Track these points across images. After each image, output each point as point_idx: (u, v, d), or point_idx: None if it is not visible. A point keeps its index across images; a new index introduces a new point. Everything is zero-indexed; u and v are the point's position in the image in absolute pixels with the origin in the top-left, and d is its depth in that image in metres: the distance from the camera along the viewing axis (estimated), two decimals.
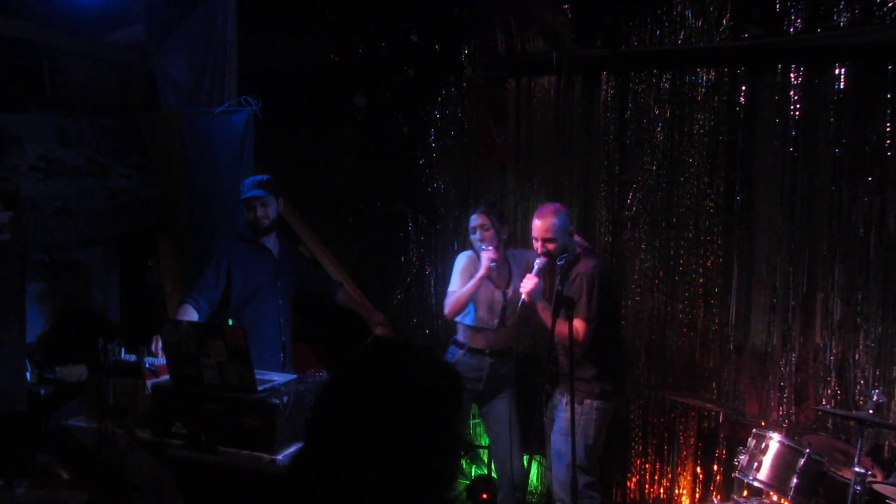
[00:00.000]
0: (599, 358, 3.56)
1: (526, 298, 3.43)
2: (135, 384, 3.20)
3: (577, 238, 3.74)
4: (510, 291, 3.81)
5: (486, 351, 3.80)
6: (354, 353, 1.36)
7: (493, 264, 3.68)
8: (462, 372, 3.71)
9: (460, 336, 3.91)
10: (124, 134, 4.82)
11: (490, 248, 3.70)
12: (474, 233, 3.78)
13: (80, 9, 4.46)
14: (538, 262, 3.49)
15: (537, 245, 3.55)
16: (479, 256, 3.79)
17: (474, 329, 3.82)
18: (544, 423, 3.80)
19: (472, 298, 3.73)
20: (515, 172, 4.75)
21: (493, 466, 4.19)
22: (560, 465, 3.56)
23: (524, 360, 4.06)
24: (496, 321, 3.80)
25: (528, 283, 3.43)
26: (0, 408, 3.67)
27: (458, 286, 3.79)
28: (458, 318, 3.82)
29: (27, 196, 4.17)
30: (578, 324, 3.41)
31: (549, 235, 3.50)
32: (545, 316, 3.44)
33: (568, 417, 3.46)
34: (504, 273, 3.87)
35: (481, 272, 3.68)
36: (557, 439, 3.59)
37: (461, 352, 3.84)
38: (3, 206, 3.97)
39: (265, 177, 3.89)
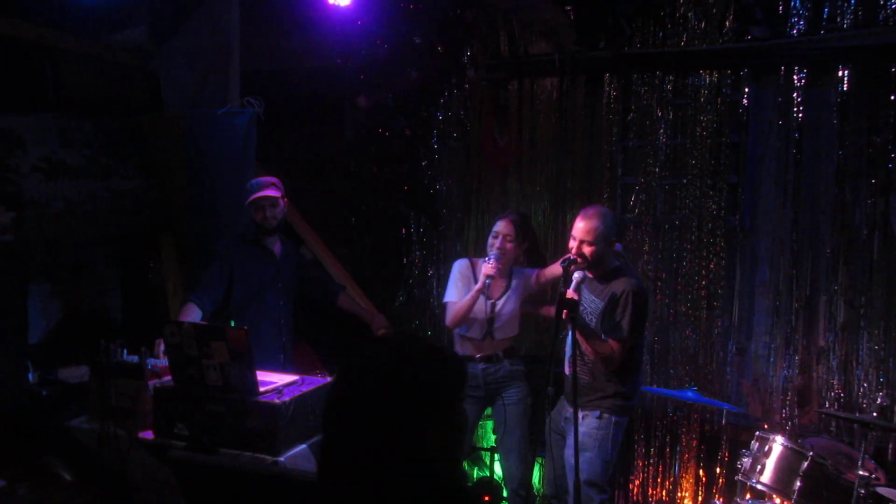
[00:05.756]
0: (625, 374, 3.42)
1: (565, 318, 3.13)
2: (137, 385, 3.20)
3: (618, 246, 3.54)
4: (499, 304, 3.73)
5: (476, 356, 3.75)
6: (360, 351, 1.45)
7: (489, 280, 3.57)
8: None
9: (455, 344, 3.89)
10: (127, 135, 4.83)
11: (492, 260, 3.57)
12: (495, 237, 3.67)
13: (83, 10, 4.46)
14: (577, 276, 3.19)
15: (573, 244, 3.29)
16: (473, 265, 3.74)
17: (463, 337, 3.79)
18: (546, 427, 3.75)
19: (471, 310, 3.65)
20: (518, 174, 4.74)
21: (497, 468, 4.17)
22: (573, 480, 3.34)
23: (530, 361, 4.03)
24: (483, 333, 3.72)
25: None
26: (2, 409, 3.67)
27: (454, 297, 3.74)
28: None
29: (29, 197, 4.18)
30: (615, 344, 3.28)
31: (590, 238, 3.25)
32: (582, 341, 3.20)
33: (582, 431, 3.33)
34: (500, 284, 3.77)
35: (477, 286, 3.61)
36: (572, 454, 3.31)
37: None
38: (5, 206, 3.98)
39: (273, 178, 3.89)
